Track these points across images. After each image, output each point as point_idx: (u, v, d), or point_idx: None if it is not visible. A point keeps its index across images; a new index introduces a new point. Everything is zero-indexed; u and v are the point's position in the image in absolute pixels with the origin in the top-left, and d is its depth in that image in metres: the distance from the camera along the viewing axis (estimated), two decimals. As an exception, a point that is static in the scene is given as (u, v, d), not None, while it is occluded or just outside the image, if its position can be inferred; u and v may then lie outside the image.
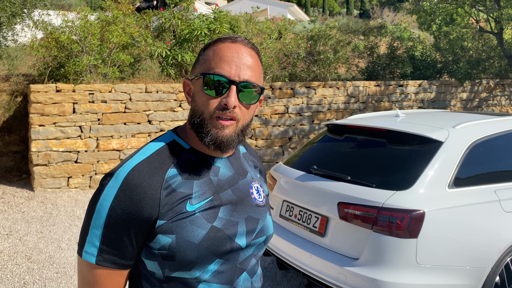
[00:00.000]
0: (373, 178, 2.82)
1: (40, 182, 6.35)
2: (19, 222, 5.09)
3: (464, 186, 2.74)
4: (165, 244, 0.98)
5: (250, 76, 1.03)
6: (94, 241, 0.97)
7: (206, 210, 1.03)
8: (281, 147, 7.99)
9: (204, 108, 1.02)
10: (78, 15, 7.40)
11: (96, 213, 0.98)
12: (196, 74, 1.06)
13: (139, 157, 1.03)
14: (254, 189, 1.17)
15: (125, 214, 0.97)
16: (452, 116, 3.51)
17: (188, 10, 8.36)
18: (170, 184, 1.01)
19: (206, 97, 1.02)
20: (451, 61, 10.21)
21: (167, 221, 0.98)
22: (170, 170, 1.03)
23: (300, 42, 8.99)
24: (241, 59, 1.02)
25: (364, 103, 8.85)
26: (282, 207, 3.31)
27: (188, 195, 1.02)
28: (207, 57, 1.05)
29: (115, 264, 0.98)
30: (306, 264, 2.92)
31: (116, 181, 0.98)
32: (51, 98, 6.39)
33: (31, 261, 4.05)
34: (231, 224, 1.06)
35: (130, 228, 0.97)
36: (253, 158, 1.29)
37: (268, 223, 1.17)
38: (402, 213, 2.54)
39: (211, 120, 1.02)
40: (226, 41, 1.04)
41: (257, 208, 1.14)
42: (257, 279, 1.15)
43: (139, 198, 0.97)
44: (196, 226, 1.00)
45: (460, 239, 2.60)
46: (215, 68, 1.01)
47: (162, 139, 1.09)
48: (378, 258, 2.57)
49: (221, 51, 1.03)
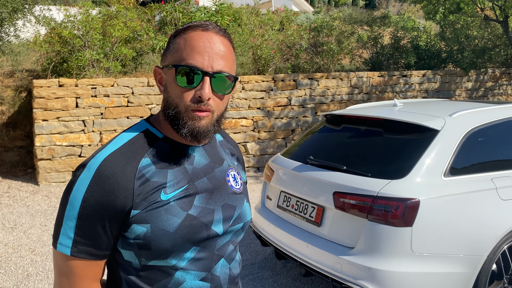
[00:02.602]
0: (369, 168, 2.82)
1: (44, 176, 6.43)
2: (24, 216, 5.16)
3: (460, 175, 2.73)
4: (140, 233, 0.98)
5: (223, 66, 1.01)
6: (68, 233, 0.97)
7: (181, 198, 1.03)
8: (284, 139, 7.99)
9: (178, 101, 1.01)
10: (80, 10, 7.43)
11: (69, 204, 0.98)
12: (168, 64, 1.03)
13: (111, 147, 1.02)
14: (231, 177, 1.17)
15: (99, 205, 0.96)
16: (450, 104, 3.49)
17: (190, 3, 8.35)
18: (144, 174, 1.00)
19: (179, 89, 1.00)
20: (456, 50, 10.10)
21: (141, 211, 0.98)
22: (144, 160, 1.02)
23: (302, 33, 8.94)
24: (213, 48, 1.00)
25: (368, 94, 8.80)
26: (280, 198, 3.32)
27: (162, 184, 1.01)
28: (178, 46, 1.02)
29: (90, 255, 0.98)
30: (303, 253, 2.93)
31: (88, 172, 0.98)
32: (54, 93, 6.43)
33: (34, 254, 4.11)
34: (207, 212, 1.06)
35: (104, 219, 0.97)
36: (230, 146, 1.28)
37: (246, 210, 1.17)
38: (397, 201, 2.54)
39: (186, 113, 1.01)
40: (197, 29, 1.02)
41: (233, 195, 1.14)
42: (235, 265, 1.16)
43: (112, 188, 0.96)
44: (171, 215, 1.00)
45: (456, 227, 2.59)
46: (187, 59, 0.99)
47: (135, 129, 1.08)
48: (373, 246, 2.57)
49: (192, 40, 1.00)
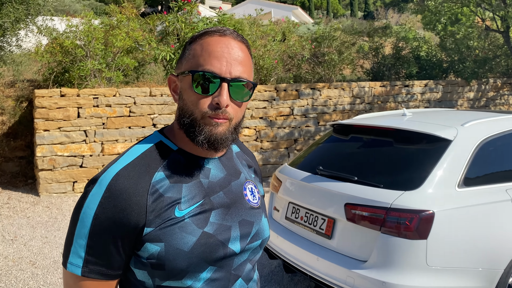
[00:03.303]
0: (380, 178, 2.76)
1: (45, 187, 6.35)
2: (24, 227, 5.07)
3: (474, 186, 2.67)
4: (153, 252, 0.93)
5: (241, 72, 0.97)
6: (79, 252, 0.92)
7: (196, 215, 0.97)
8: (286, 149, 7.93)
9: (194, 108, 0.96)
10: (82, 20, 7.42)
11: (80, 222, 0.93)
12: (183, 71, 0.99)
13: (123, 161, 0.97)
14: (248, 190, 1.11)
15: (110, 222, 0.91)
16: (461, 114, 3.44)
17: (192, 13, 8.34)
18: (157, 189, 0.95)
19: (195, 95, 0.96)
20: (457, 60, 10.11)
21: (154, 229, 0.93)
22: (157, 174, 0.96)
23: (304, 43, 8.95)
24: (231, 54, 0.96)
25: (370, 104, 8.78)
26: (288, 209, 3.25)
27: (176, 199, 0.96)
28: (195, 52, 0.97)
29: (102, 275, 0.93)
30: (313, 267, 2.86)
31: (99, 187, 0.93)
32: (55, 103, 6.38)
33: (35, 267, 4.02)
34: (223, 229, 1.00)
35: (116, 237, 0.92)
36: (247, 158, 1.22)
37: (264, 226, 1.11)
38: (411, 213, 2.48)
39: (203, 119, 0.96)
40: (215, 35, 0.98)
41: (251, 211, 1.08)
42: (253, 285, 1.09)
43: (124, 205, 0.91)
44: (186, 233, 0.94)
45: (471, 240, 2.53)
46: (204, 65, 0.95)
47: (148, 141, 1.03)
48: (387, 260, 2.50)
49: (210, 45, 0.96)
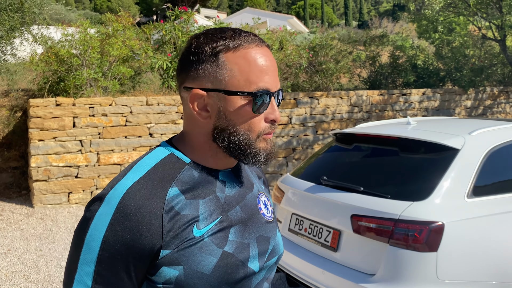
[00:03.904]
0: (387, 189, 2.69)
1: (40, 198, 6.22)
2: (18, 240, 4.94)
3: (484, 196, 2.60)
4: (171, 277, 0.84)
5: (279, 83, 0.94)
6: (85, 280, 0.82)
7: (215, 233, 0.89)
8: (285, 158, 7.86)
9: (248, 129, 0.91)
10: (78, 29, 7.35)
11: (85, 246, 0.82)
12: (228, 90, 0.89)
13: (133, 176, 0.87)
14: (262, 204, 1.03)
15: (122, 246, 0.81)
16: (466, 122, 3.39)
17: (189, 22, 8.30)
18: (173, 206, 0.86)
19: (250, 115, 0.90)
20: (454, 69, 10.12)
21: (172, 251, 0.84)
22: (171, 190, 0.87)
23: (302, 52, 8.92)
24: (274, 66, 0.92)
25: (368, 113, 8.74)
26: (291, 221, 3.17)
27: (194, 217, 0.87)
28: (239, 68, 0.88)
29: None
30: (318, 280, 2.77)
31: (108, 206, 0.83)
32: (50, 112, 6.28)
33: (29, 281, 3.89)
34: (243, 247, 0.92)
35: (128, 262, 0.82)
36: (257, 169, 1.15)
37: (279, 241, 1.04)
38: (420, 225, 2.40)
39: (258, 139, 0.91)
40: (252, 46, 0.90)
41: (267, 225, 1.01)
42: None
43: (138, 226, 0.82)
44: (206, 254, 0.86)
45: (483, 252, 2.45)
46: (258, 82, 0.88)
47: (157, 153, 0.94)
48: (395, 273, 2.42)
49: (257, 59, 0.89)
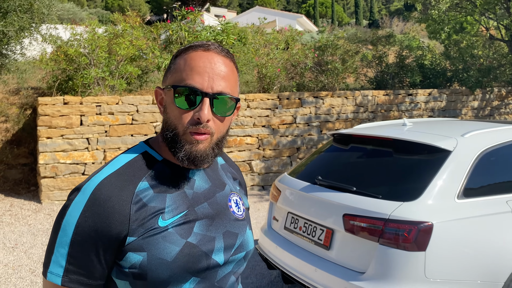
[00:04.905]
0: (379, 189, 2.74)
1: (47, 194, 6.36)
2: (25, 235, 5.08)
3: (474, 197, 2.64)
4: (135, 262, 0.93)
5: (224, 87, 0.98)
6: (60, 261, 0.92)
7: (180, 225, 0.97)
8: (289, 157, 7.92)
9: (176, 123, 0.98)
10: (86, 29, 7.48)
11: (61, 230, 0.93)
12: (167, 85, 1.00)
13: (108, 170, 0.98)
14: (233, 202, 1.11)
15: (93, 231, 0.91)
16: (461, 124, 3.42)
17: (195, 22, 8.40)
18: (141, 198, 0.95)
19: (177, 110, 0.97)
20: (461, 69, 10.08)
21: (137, 238, 0.93)
22: (141, 183, 0.97)
23: (307, 52, 8.96)
24: (214, 69, 0.97)
25: (373, 113, 8.76)
26: (287, 219, 3.23)
27: (160, 209, 0.96)
28: (178, 67, 0.99)
29: (82, 284, 0.93)
30: (311, 278, 2.83)
31: (83, 195, 0.94)
32: (58, 110, 6.42)
33: (35, 275, 4.02)
34: (207, 240, 1.00)
35: (98, 246, 0.92)
36: (232, 170, 1.23)
37: (248, 238, 1.11)
38: (410, 225, 2.45)
39: (184, 136, 0.97)
40: (198, 49, 0.99)
41: (236, 222, 1.08)
42: None
43: (107, 213, 0.92)
44: (169, 243, 0.94)
45: (471, 252, 2.49)
46: (186, 80, 0.96)
47: (133, 151, 1.05)
48: (385, 271, 2.47)
49: (192, 60, 0.97)
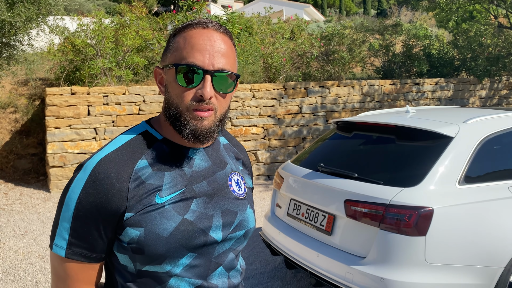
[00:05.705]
0: (381, 175, 2.76)
1: (56, 183, 6.46)
2: (35, 223, 5.18)
3: (475, 183, 2.66)
4: (133, 237, 0.97)
5: (224, 64, 0.99)
6: (64, 234, 0.96)
7: (177, 202, 1.00)
8: (294, 147, 7.94)
9: (179, 101, 0.99)
10: (93, 20, 7.52)
11: (65, 205, 0.97)
12: (168, 64, 1.01)
13: (109, 148, 1.01)
14: (234, 181, 1.13)
15: (93, 206, 0.95)
16: (464, 111, 3.42)
17: (201, 12, 8.40)
18: (140, 176, 0.99)
19: (180, 88, 0.99)
20: (469, 58, 9.98)
21: (135, 214, 0.96)
22: (141, 162, 1.00)
23: (313, 41, 8.93)
24: (214, 46, 0.98)
25: (380, 102, 8.72)
26: (290, 206, 3.27)
27: (157, 187, 0.99)
28: (178, 45, 1.00)
29: (84, 257, 0.97)
30: (313, 263, 2.87)
31: (84, 173, 0.97)
32: (66, 100, 6.49)
33: (44, 261, 4.11)
34: (205, 217, 1.03)
35: (98, 221, 0.96)
36: (236, 150, 1.24)
37: (248, 217, 1.13)
38: (410, 210, 2.48)
39: (188, 113, 0.99)
40: (197, 27, 1.00)
41: (235, 201, 1.10)
42: (235, 274, 1.12)
43: (106, 190, 0.95)
44: (165, 219, 0.98)
45: (471, 237, 2.51)
46: (187, 58, 0.97)
47: (134, 130, 1.07)
48: (385, 256, 2.51)
49: (192, 38, 0.98)
